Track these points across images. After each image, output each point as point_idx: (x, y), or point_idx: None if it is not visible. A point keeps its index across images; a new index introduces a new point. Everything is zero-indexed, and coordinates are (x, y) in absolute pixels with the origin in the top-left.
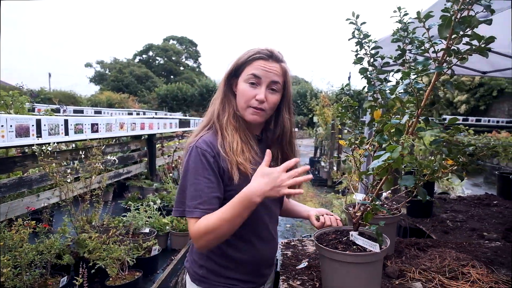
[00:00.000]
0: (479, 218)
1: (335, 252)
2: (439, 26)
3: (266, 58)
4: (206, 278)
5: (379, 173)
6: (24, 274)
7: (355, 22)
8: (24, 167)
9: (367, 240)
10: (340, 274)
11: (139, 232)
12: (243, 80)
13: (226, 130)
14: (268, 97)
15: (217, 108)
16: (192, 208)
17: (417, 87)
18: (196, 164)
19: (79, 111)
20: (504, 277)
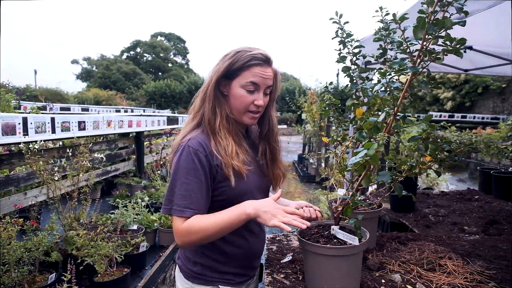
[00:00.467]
0: (460, 212)
1: (316, 246)
2: (414, 28)
3: (262, 64)
4: (201, 274)
5: (357, 169)
6: (13, 271)
7: (338, 21)
8: (11, 165)
9: (347, 233)
10: (321, 266)
11: (127, 229)
12: (240, 86)
13: (219, 133)
14: (264, 101)
15: (208, 113)
16: (182, 207)
17: (393, 86)
18: (187, 163)
19: (66, 109)
20: (478, 268)
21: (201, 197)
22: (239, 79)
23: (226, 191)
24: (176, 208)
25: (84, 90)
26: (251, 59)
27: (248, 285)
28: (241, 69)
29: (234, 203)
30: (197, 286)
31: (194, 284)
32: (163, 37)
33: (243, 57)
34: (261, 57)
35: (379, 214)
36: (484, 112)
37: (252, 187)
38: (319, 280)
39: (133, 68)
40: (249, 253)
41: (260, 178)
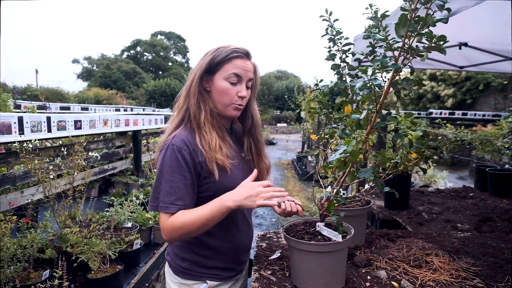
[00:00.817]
0: (454, 210)
1: (300, 242)
2: (395, 25)
3: (243, 57)
4: (189, 269)
5: (339, 166)
6: (7, 267)
7: (328, 19)
8: (7, 164)
9: (331, 230)
10: (305, 262)
11: (121, 226)
12: (223, 78)
13: (204, 128)
14: (246, 93)
15: (193, 108)
16: (168, 204)
17: (375, 83)
18: (172, 161)
19: (65, 108)
20: (464, 265)
21: (187, 193)
22: (221, 72)
23: (211, 187)
24: (162, 204)
25: (85, 89)
26: (232, 52)
27: (237, 280)
28: (223, 62)
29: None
30: (186, 281)
31: (182, 279)
32: (163, 36)
33: (224, 51)
34: (241, 51)
35: (367, 211)
36: (485, 109)
37: (237, 181)
38: (304, 276)
39: (133, 67)
40: (236, 248)
41: (245, 173)
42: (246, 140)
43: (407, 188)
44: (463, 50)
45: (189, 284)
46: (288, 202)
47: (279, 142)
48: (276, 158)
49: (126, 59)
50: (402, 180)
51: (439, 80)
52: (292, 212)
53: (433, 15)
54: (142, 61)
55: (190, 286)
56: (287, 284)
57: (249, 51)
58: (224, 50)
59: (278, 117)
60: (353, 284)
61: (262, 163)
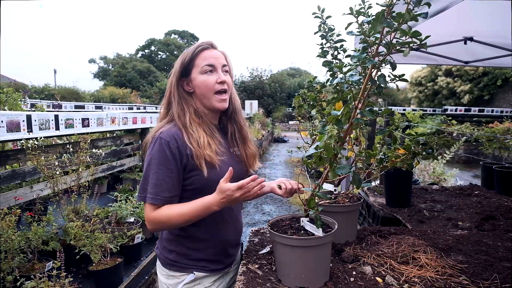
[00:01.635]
0: (457, 208)
1: (282, 236)
2: (372, 21)
3: (209, 48)
4: (176, 261)
5: (316, 162)
6: (10, 258)
7: (321, 16)
8: (17, 161)
9: (314, 225)
10: (287, 256)
11: (124, 221)
12: (199, 73)
13: (191, 127)
14: (226, 79)
15: (176, 111)
16: (154, 195)
17: (351, 80)
18: (159, 154)
19: (80, 107)
20: (451, 262)
21: (172, 186)
22: (195, 69)
23: (197, 181)
24: (149, 195)
25: (101, 88)
26: (197, 47)
27: (227, 273)
28: (192, 60)
29: (207, 191)
30: (173, 273)
31: (170, 271)
32: (176, 35)
33: (190, 50)
34: (206, 43)
35: (358, 207)
36: (504, 105)
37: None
38: (287, 269)
39: (147, 66)
40: (223, 241)
41: (233, 165)
42: (230, 127)
43: (408, 185)
44: (468, 45)
45: (176, 275)
46: (287, 182)
47: (290, 140)
48: (287, 155)
49: (140, 58)
50: (403, 177)
51: (455, 76)
52: (293, 189)
53: (413, 10)
54: (156, 60)
55: (177, 277)
56: (272, 278)
57: (212, 42)
58: (190, 49)
59: (290, 114)
60: (337, 279)
61: (248, 150)
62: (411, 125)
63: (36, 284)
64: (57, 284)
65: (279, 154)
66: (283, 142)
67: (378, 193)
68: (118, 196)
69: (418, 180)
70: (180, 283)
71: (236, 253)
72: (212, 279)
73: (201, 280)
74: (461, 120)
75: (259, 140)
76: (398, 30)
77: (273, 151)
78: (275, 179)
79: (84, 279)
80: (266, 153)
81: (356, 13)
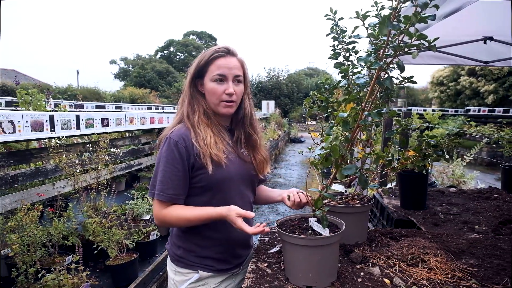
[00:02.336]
0: (474, 211)
1: (290, 236)
2: (379, 24)
3: (224, 55)
4: (183, 258)
5: (322, 162)
6: (33, 251)
7: (333, 18)
8: (40, 159)
9: (320, 225)
10: (294, 255)
11: (140, 218)
12: (210, 80)
13: (199, 127)
14: (235, 89)
15: (186, 110)
16: (160, 192)
17: (358, 82)
18: (167, 153)
19: (101, 107)
20: (462, 265)
21: (178, 184)
22: (208, 74)
23: (203, 178)
24: (157, 192)
25: (121, 88)
26: (213, 53)
27: (236, 274)
28: (207, 65)
29: (213, 189)
30: (180, 269)
31: (177, 267)
32: (195, 36)
33: (207, 54)
34: (223, 50)
35: (369, 208)
36: None
37: (231, 174)
38: (295, 269)
39: (166, 67)
40: (229, 239)
41: (241, 167)
42: (237, 132)
43: (424, 187)
44: (488, 45)
45: (183, 272)
46: (297, 194)
47: (307, 140)
48: (303, 156)
49: (159, 59)
50: (418, 179)
51: (478, 76)
52: (302, 203)
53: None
54: (175, 61)
55: (184, 274)
56: (280, 276)
57: (230, 48)
58: (207, 53)
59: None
60: (344, 279)
61: (258, 156)
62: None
63: (56, 276)
64: (75, 277)
65: (295, 155)
66: (300, 142)
67: (384, 193)
68: (135, 194)
69: (435, 182)
70: (186, 282)
71: (245, 254)
72: (218, 280)
73: (206, 280)
74: (484, 121)
75: (275, 140)
76: (405, 33)
77: (289, 152)
78: (291, 180)
79: (101, 273)
80: (282, 153)
81: (362, 16)
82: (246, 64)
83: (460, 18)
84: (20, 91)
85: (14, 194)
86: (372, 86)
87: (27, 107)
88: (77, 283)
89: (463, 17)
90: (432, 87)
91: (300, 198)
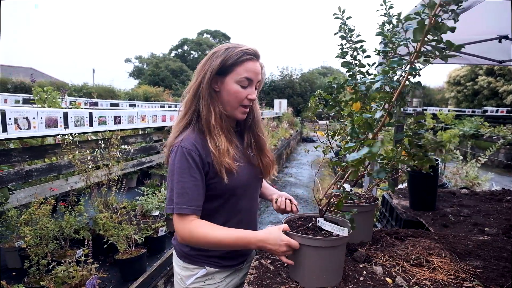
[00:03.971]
0: (486, 213)
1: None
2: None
3: (253, 59)
4: (190, 255)
5: (354, 165)
6: (45, 244)
7: (341, 16)
8: (54, 155)
9: (334, 225)
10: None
11: (150, 214)
12: (235, 81)
13: (214, 131)
14: (255, 95)
15: (203, 110)
16: (181, 205)
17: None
18: (181, 163)
19: (115, 104)
20: (466, 266)
21: (197, 194)
22: (233, 74)
23: (217, 187)
24: (176, 206)
25: (136, 87)
26: (243, 55)
27: (240, 269)
28: (234, 65)
29: (226, 196)
30: (187, 265)
31: (184, 263)
32: (209, 35)
33: (235, 53)
34: (252, 52)
35: (374, 207)
36: None
37: (243, 181)
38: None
39: (180, 65)
40: None
41: (250, 171)
42: (247, 136)
43: (433, 188)
44: (503, 43)
45: (189, 268)
46: (284, 200)
47: (318, 140)
48: (315, 155)
49: (173, 57)
50: (427, 180)
51: (497, 75)
52: (287, 211)
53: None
54: (188, 60)
55: (190, 270)
56: (283, 273)
57: (257, 51)
58: (235, 52)
59: (320, 114)
60: (347, 277)
61: (265, 159)
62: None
63: (66, 268)
64: (84, 269)
65: (307, 154)
66: (312, 141)
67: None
68: (145, 190)
69: (446, 183)
70: (192, 277)
71: (249, 251)
72: (223, 275)
73: (212, 275)
74: (502, 122)
75: (287, 139)
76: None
77: (301, 151)
78: (301, 179)
79: (110, 266)
80: (293, 152)
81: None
82: (264, 69)
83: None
84: (36, 88)
85: (29, 188)
86: (401, 88)
87: (42, 104)
88: (86, 275)
89: (478, 14)
90: (448, 86)
91: (285, 205)
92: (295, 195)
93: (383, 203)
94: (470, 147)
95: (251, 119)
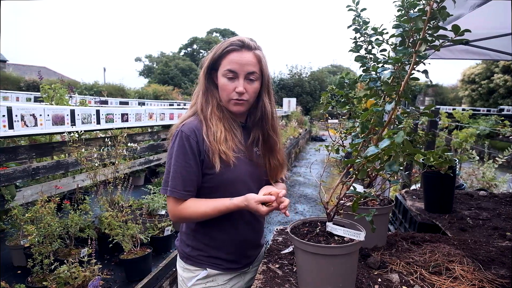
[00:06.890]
0: (506, 216)
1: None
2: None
3: (238, 49)
4: (192, 256)
5: (370, 160)
6: (49, 243)
7: (355, 9)
8: (62, 152)
9: (348, 229)
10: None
11: (156, 213)
12: (221, 75)
13: (211, 120)
14: (247, 87)
15: (200, 102)
16: (172, 188)
17: (383, 75)
18: (179, 147)
19: (124, 103)
20: (491, 276)
21: (190, 179)
22: (221, 68)
23: (211, 179)
24: (170, 189)
25: (145, 85)
26: (227, 46)
27: (245, 273)
28: (221, 58)
29: (221, 190)
30: (188, 266)
31: (186, 264)
32: (218, 33)
33: (222, 46)
34: (237, 43)
35: (389, 210)
36: None
37: (240, 175)
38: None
39: (189, 64)
40: (239, 240)
41: (251, 167)
42: (254, 132)
43: (450, 189)
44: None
45: (191, 269)
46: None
47: (328, 139)
48: (324, 155)
49: (183, 56)
50: (443, 181)
51: None
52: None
53: None
54: (197, 58)
55: (192, 271)
56: (292, 279)
57: (245, 40)
58: (223, 45)
59: (330, 112)
60: (360, 285)
61: (273, 160)
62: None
63: (68, 269)
64: (87, 269)
65: (316, 153)
66: (321, 141)
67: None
68: (152, 189)
69: (463, 185)
70: (193, 278)
71: (256, 254)
72: (226, 278)
73: (214, 277)
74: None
75: (296, 138)
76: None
77: (309, 150)
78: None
79: (115, 266)
80: (302, 151)
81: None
82: (265, 60)
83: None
84: (44, 86)
85: (36, 186)
86: (407, 78)
87: (49, 101)
88: (88, 276)
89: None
90: (462, 85)
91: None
92: (303, 195)
93: (396, 205)
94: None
95: (259, 115)
